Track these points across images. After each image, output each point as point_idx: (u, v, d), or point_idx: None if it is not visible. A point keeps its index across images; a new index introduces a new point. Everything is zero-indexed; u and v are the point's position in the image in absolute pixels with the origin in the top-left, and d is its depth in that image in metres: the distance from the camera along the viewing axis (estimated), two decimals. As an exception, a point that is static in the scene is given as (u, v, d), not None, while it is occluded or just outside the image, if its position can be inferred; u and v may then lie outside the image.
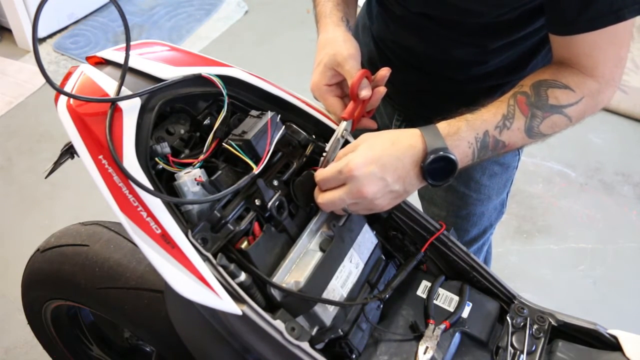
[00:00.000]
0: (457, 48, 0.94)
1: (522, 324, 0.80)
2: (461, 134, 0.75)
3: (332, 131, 0.84)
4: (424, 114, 1.03)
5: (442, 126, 0.76)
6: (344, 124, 0.83)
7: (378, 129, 0.83)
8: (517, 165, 1.16)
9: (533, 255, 2.09)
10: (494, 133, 0.77)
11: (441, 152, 0.72)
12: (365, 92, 0.84)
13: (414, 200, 0.88)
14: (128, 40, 0.75)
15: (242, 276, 0.69)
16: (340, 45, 0.86)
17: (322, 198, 0.76)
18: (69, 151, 0.83)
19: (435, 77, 1.01)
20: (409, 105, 1.07)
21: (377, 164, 0.72)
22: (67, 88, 0.75)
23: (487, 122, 0.77)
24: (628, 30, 0.75)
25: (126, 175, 0.67)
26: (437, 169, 0.73)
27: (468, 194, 1.13)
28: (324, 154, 0.81)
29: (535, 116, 0.77)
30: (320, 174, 0.76)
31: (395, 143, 0.74)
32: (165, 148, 0.74)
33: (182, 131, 0.79)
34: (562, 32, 0.77)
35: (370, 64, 1.10)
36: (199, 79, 0.79)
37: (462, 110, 0.79)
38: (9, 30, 2.88)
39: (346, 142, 0.82)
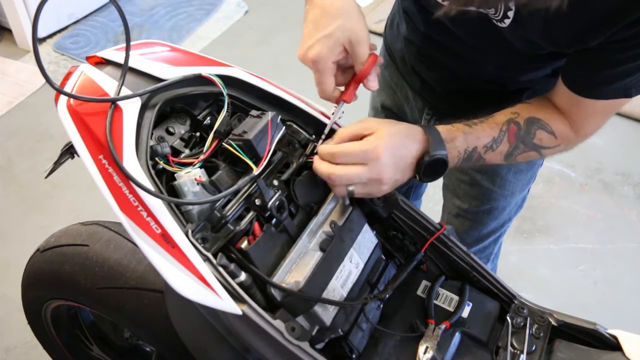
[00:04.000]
0: (490, 67, 0.94)
1: (522, 324, 0.80)
2: (456, 143, 0.81)
3: (334, 132, 0.84)
4: (454, 112, 1.03)
5: (442, 131, 0.81)
6: (343, 105, 0.82)
7: (407, 121, 0.83)
8: (542, 163, 1.17)
9: (533, 255, 2.09)
10: (480, 150, 0.83)
11: (440, 156, 0.78)
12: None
13: (435, 189, 0.89)
14: (128, 40, 0.75)
15: (242, 276, 0.69)
16: (356, 23, 0.78)
17: (339, 170, 0.75)
18: (69, 151, 0.83)
19: (467, 83, 1.01)
20: (439, 103, 1.07)
21: (397, 153, 0.76)
22: (67, 88, 0.75)
23: (480, 140, 0.83)
24: (623, 104, 0.80)
25: (126, 176, 0.67)
26: (429, 168, 0.79)
27: (493, 190, 1.14)
28: (323, 135, 0.82)
29: (517, 147, 0.85)
30: (341, 147, 0.76)
31: (409, 137, 0.78)
32: (165, 148, 0.74)
33: (183, 131, 0.79)
34: (575, 91, 0.80)
35: (402, 61, 1.10)
36: (199, 79, 0.79)
37: (460, 120, 0.84)
38: (9, 30, 2.88)
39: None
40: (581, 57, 0.77)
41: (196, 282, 0.66)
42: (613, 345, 0.77)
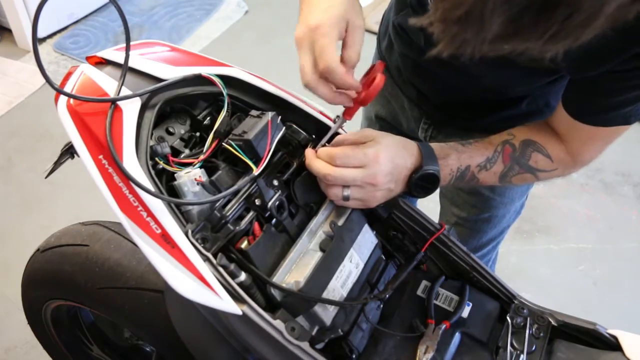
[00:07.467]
0: (489, 80, 0.93)
1: (522, 324, 0.80)
2: (448, 161, 0.82)
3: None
4: (452, 121, 1.02)
5: (435, 148, 0.82)
6: (341, 121, 0.81)
7: (403, 133, 0.83)
8: None
9: (533, 255, 2.09)
10: (474, 170, 0.84)
11: (432, 171, 0.79)
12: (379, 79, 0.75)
13: (432, 198, 0.89)
14: (128, 40, 0.75)
15: (242, 276, 0.69)
16: (356, 10, 0.74)
17: (334, 171, 0.75)
18: (69, 151, 0.83)
19: (465, 94, 1.00)
20: (437, 112, 1.06)
21: (394, 160, 0.78)
22: (67, 88, 0.75)
23: (473, 159, 0.84)
24: (623, 131, 0.80)
25: (126, 176, 0.67)
26: (421, 183, 0.80)
27: (492, 197, 1.13)
28: (323, 143, 0.81)
29: (512, 168, 0.85)
30: (342, 150, 0.76)
31: (405, 148, 0.80)
32: (165, 148, 0.74)
33: (182, 131, 0.79)
34: (574, 116, 0.80)
35: (397, 71, 1.08)
36: (199, 79, 0.79)
37: (454, 139, 0.85)
38: (9, 30, 2.88)
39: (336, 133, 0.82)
40: (581, 84, 0.77)
41: (196, 282, 0.66)
42: (613, 345, 0.77)
